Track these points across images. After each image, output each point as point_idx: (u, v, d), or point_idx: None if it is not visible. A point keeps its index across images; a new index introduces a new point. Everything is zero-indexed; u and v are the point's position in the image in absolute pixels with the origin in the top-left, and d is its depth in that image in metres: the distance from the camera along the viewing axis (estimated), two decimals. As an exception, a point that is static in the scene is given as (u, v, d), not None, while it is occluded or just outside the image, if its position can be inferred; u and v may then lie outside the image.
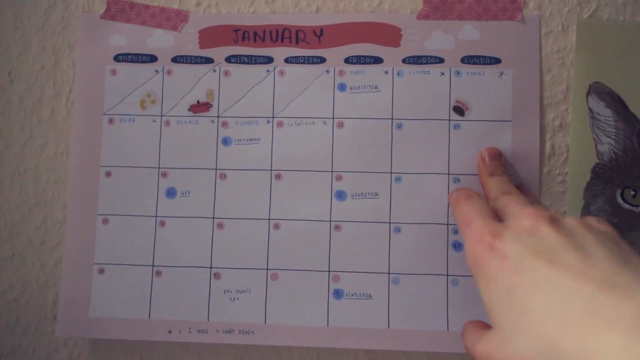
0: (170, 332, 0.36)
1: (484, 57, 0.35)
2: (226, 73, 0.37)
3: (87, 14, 0.37)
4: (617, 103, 0.34)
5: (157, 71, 0.37)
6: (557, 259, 0.22)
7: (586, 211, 0.34)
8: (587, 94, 0.34)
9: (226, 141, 0.36)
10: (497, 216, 0.28)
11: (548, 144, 0.35)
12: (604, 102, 0.34)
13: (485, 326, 0.26)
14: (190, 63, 0.37)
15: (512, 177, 0.34)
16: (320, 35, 0.36)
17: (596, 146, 0.34)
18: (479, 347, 0.24)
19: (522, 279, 0.22)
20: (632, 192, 0.33)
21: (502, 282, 0.23)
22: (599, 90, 0.34)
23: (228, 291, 0.36)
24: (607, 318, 0.18)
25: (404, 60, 0.36)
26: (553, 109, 0.35)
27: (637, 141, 0.34)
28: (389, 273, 0.35)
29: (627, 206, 0.34)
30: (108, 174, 0.37)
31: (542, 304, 0.21)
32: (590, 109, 0.34)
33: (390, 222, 0.35)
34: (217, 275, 0.36)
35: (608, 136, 0.34)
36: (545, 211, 0.25)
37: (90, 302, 0.36)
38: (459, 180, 0.35)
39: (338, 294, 0.35)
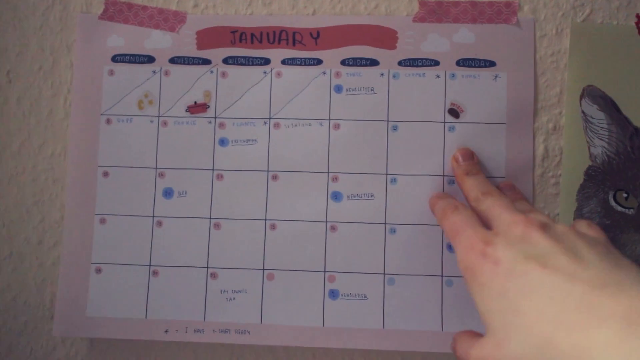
0: (166, 331, 0.36)
1: (479, 60, 0.35)
2: (223, 74, 0.37)
3: (85, 15, 0.38)
4: (610, 106, 0.34)
5: (154, 72, 0.37)
6: (548, 263, 0.22)
7: (579, 213, 0.34)
8: (581, 97, 0.35)
9: (223, 142, 0.37)
10: (485, 224, 0.28)
11: (542, 147, 0.35)
12: (597, 105, 0.34)
13: (477, 335, 0.26)
14: (188, 64, 0.37)
15: (506, 179, 0.35)
16: (316, 37, 0.36)
17: (589, 149, 0.34)
18: (472, 353, 0.24)
19: (515, 283, 0.22)
20: (625, 195, 0.34)
21: (495, 287, 0.23)
22: (592, 94, 0.35)
23: (224, 291, 0.36)
24: (599, 315, 0.19)
25: (399, 63, 0.36)
26: (547, 111, 0.35)
27: (629, 144, 0.34)
28: (384, 274, 0.35)
29: (619, 208, 0.34)
30: (105, 174, 0.37)
31: (536, 306, 0.21)
32: (583, 112, 0.35)
33: (385, 223, 0.35)
34: (213, 275, 0.36)
35: (601, 139, 0.34)
36: (535, 217, 0.25)
37: (88, 302, 0.36)
38: (453, 182, 0.35)
39: (334, 294, 0.35)
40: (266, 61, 0.37)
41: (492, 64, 0.35)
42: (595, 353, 0.18)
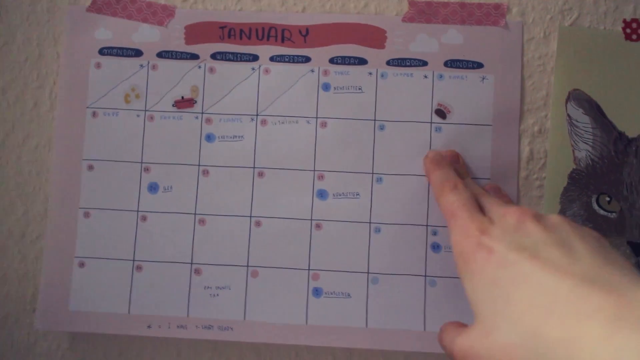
0: (149, 326, 0.36)
1: (467, 61, 0.36)
2: (211, 70, 0.37)
3: (73, 7, 0.37)
4: (595, 110, 0.35)
5: (142, 66, 0.37)
6: (541, 254, 0.22)
7: (562, 216, 0.35)
8: (567, 101, 0.35)
9: (210, 137, 0.36)
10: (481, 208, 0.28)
11: (527, 149, 0.35)
12: (583, 109, 0.35)
13: (464, 325, 0.26)
14: (176, 59, 0.37)
15: (492, 181, 0.35)
16: (305, 34, 0.36)
17: (574, 152, 0.35)
18: (458, 342, 0.24)
19: (506, 273, 0.22)
20: (607, 199, 0.34)
21: (487, 275, 0.23)
22: (578, 97, 0.35)
23: (208, 287, 0.36)
24: (588, 309, 0.19)
25: (388, 62, 0.36)
26: (533, 114, 0.35)
27: (613, 148, 0.34)
28: (368, 272, 0.35)
29: (602, 212, 0.34)
30: (90, 168, 0.37)
31: (526, 296, 0.21)
32: (569, 116, 0.35)
33: (370, 222, 0.35)
34: (197, 271, 0.36)
35: (585, 143, 0.35)
36: (528, 208, 0.26)
37: (70, 296, 0.36)
38: (439, 183, 0.35)
39: (317, 292, 0.35)
40: (254, 57, 0.36)
41: (479, 65, 0.35)
42: (584, 345, 0.18)
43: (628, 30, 0.35)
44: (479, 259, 0.24)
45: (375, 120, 0.36)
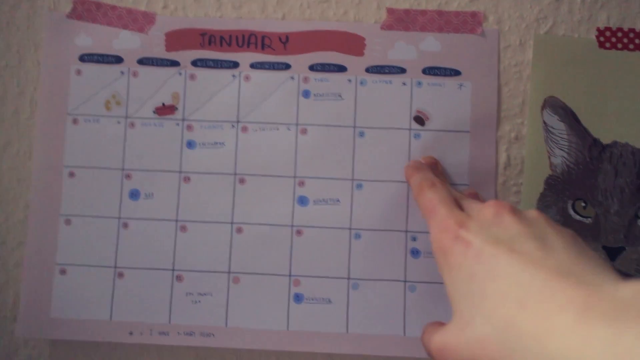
0: (131, 333, 0.36)
1: (445, 68, 0.36)
2: (192, 76, 0.37)
3: (53, 13, 0.37)
4: (570, 117, 0.35)
5: (122, 72, 0.37)
6: (516, 247, 0.22)
7: (538, 221, 0.35)
8: (542, 108, 0.35)
9: (191, 144, 0.37)
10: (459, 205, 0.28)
11: (504, 155, 0.36)
12: (558, 115, 0.35)
13: (443, 325, 0.26)
14: (156, 65, 0.37)
15: (470, 187, 0.35)
16: (285, 41, 0.37)
17: (550, 158, 0.35)
18: (435, 339, 0.24)
19: (483, 266, 0.22)
20: (583, 204, 0.35)
21: (465, 270, 0.23)
22: (553, 104, 0.35)
23: (190, 294, 0.36)
24: (560, 302, 0.19)
25: (367, 70, 0.36)
26: (510, 121, 0.36)
27: (588, 154, 0.35)
28: (348, 278, 0.35)
29: (577, 217, 0.35)
30: (71, 175, 0.37)
31: (500, 289, 0.21)
32: (544, 122, 0.35)
33: (350, 228, 0.36)
34: (179, 278, 0.36)
35: (561, 149, 0.35)
36: (506, 202, 0.26)
37: (51, 303, 0.36)
38: (418, 188, 0.35)
39: (298, 298, 0.36)
40: (235, 64, 0.37)
41: (457, 72, 0.36)
42: (555, 337, 0.18)
43: (602, 39, 0.36)
44: (457, 253, 0.24)
45: (355, 127, 0.36)
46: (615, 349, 0.16)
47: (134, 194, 0.36)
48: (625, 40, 0.35)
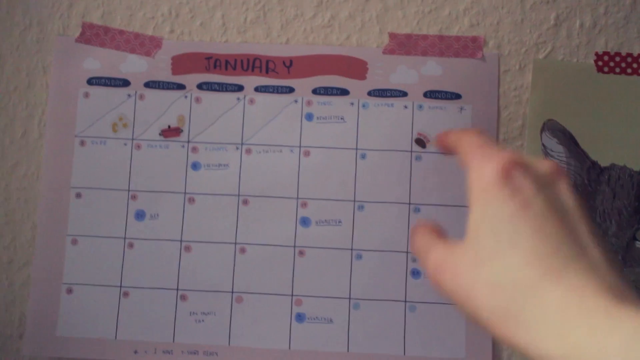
0: (136, 352, 0.36)
1: (446, 92, 0.37)
2: (197, 99, 0.37)
3: (62, 37, 0.38)
4: (569, 140, 0.36)
5: (129, 95, 0.38)
6: (563, 217, 0.22)
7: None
8: (542, 131, 0.36)
9: (195, 166, 0.37)
10: None
11: (504, 177, 0.36)
12: (557, 138, 0.36)
13: (442, 236, 0.25)
14: (163, 88, 0.38)
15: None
16: (289, 66, 0.37)
17: (549, 181, 0.36)
18: (438, 254, 0.23)
19: (526, 219, 0.22)
20: (582, 226, 0.35)
21: (506, 209, 0.22)
22: (552, 127, 0.36)
23: (194, 313, 0.36)
24: (594, 286, 0.19)
25: (369, 93, 0.37)
26: (509, 143, 0.37)
27: (586, 177, 0.35)
28: (349, 298, 0.36)
29: (577, 239, 0.35)
30: (78, 195, 0.37)
31: (533, 247, 0.21)
32: (544, 145, 0.36)
33: (352, 249, 0.36)
34: (183, 297, 0.36)
35: (560, 171, 0.36)
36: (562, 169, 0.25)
37: (58, 322, 0.36)
38: (419, 210, 0.36)
39: (300, 317, 0.36)
40: (240, 88, 0.37)
41: (458, 96, 0.37)
42: (550, 302, 0.19)
43: (600, 63, 0.36)
44: (504, 190, 0.22)
45: (357, 149, 0.37)
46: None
47: (140, 215, 0.37)
48: (623, 65, 0.36)
